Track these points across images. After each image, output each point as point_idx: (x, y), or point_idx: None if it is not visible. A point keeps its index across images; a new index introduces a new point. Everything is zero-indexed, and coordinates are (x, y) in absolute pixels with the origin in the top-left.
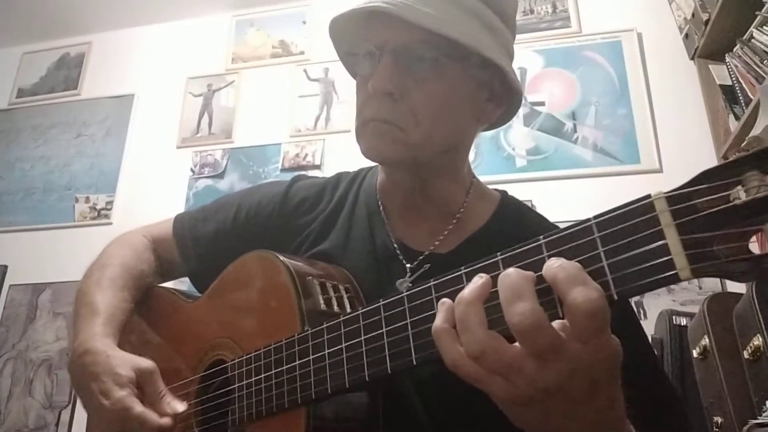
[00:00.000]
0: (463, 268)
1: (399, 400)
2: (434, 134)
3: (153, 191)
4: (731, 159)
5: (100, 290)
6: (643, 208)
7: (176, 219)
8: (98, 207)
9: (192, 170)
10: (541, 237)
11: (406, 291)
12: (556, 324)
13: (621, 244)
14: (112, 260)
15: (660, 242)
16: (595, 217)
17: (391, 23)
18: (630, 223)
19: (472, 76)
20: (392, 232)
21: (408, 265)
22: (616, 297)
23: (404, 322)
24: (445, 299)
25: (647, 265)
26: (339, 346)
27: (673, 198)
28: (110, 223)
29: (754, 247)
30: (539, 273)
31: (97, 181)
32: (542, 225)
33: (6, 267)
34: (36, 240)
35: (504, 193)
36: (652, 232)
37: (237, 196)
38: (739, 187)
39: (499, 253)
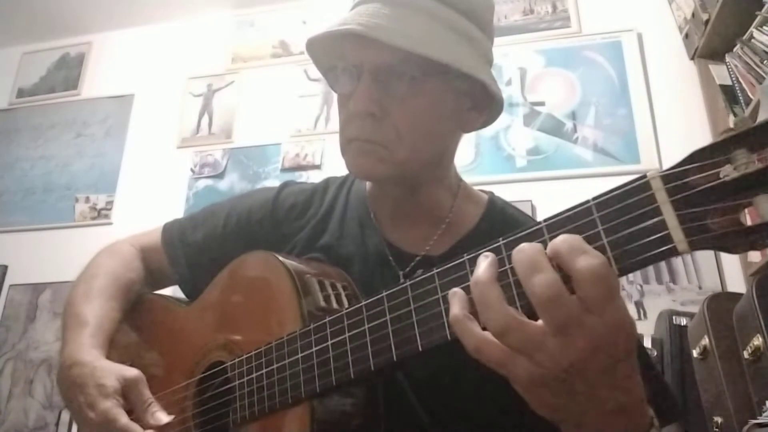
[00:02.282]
0: (465, 254)
1: (398, 397)
2: (419, 150)
3: (153, 191)
4: (721, 139)
5: (88, 301)
6: (639, 187)
7: (165, 227)
8: (98, 207)
9: (192, 170)
10: (542, 220)
11: (409, 281)
12: None
13: (620, 222)
14: (100, 270)
15: (657, 218)
16: (594, 198)
17: (368, 43)
18: (628, 202)
19: (453, 88)
20: (385, 236)
21: (401, 272)
22: (617, 272)
23: (408, 309)
24: (455, 289)
25: (646, 240)
26: (342, 337)
27: (668, 176)
28: (110, 223)
29: (746, 219)
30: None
31: (97, 181)
32: (529, 224)
33: (6, 267)
34: (36, 240)
35: (491, 194)
36: (649, 210)
37: (226, 203)
38: (729, 165)
39: (501, 238)
